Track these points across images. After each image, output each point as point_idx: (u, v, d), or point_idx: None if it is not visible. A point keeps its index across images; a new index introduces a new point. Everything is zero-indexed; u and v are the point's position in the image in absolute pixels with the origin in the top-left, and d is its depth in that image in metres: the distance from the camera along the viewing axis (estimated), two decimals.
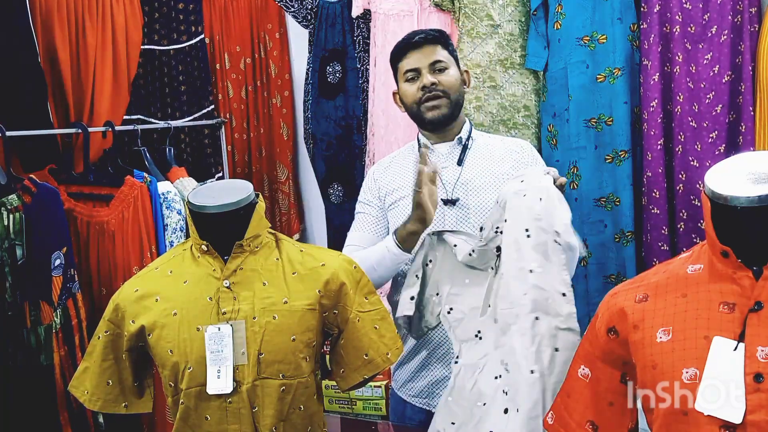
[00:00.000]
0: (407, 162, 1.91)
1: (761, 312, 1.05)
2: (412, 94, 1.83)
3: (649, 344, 1.12)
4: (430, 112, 1.81)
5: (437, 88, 1.79)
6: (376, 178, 1.93)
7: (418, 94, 1.81)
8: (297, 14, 3.15)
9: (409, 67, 1.82)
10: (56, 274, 2.04)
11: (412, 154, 1.93)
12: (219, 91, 3.14)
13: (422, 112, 1.82)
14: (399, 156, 1.97)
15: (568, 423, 1.27)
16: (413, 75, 1.83)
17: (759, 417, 1.01)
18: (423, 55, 1.81)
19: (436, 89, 1.79)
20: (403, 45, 1.85)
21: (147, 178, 2.32)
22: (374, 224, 1.89)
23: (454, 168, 1.83)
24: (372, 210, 1.90)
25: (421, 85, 1.80)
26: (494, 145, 1.90)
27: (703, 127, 2.37)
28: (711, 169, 1.13)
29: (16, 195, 2.00)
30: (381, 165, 1.98)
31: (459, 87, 1.84)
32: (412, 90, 1.82)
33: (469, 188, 1.80)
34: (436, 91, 1.80)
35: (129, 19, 2.62)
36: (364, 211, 1.91)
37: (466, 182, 1.81)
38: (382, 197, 1.90)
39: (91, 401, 1.53)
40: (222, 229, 1.50)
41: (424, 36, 1.82)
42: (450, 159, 1.86)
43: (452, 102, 1.82)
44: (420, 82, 1.81)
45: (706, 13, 2.37)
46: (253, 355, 1.44)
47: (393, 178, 1.90)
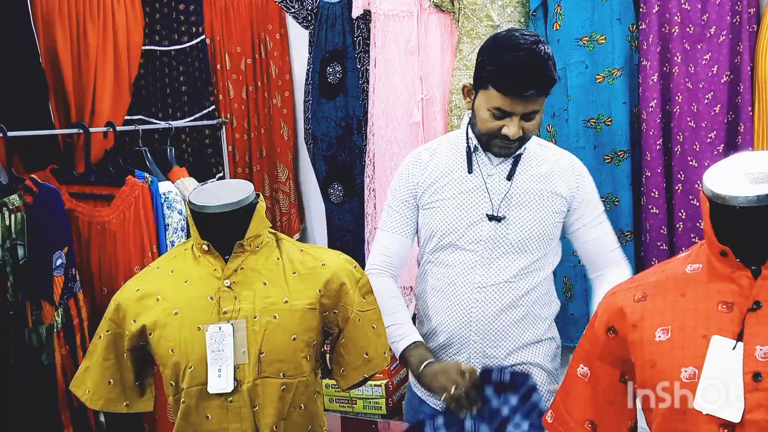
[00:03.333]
0: (450, 157, 1.79)
1: (760, 311, 1.05)
2: (491, 127, 1.66)
3: (648, 343, 1.13)
4: (497, 149, 1.70)
5: (518, 137, 1.65)
6: (412, 173, 1.80)
7: (496, 133, 1.66)
8: (297, 15, 3.15)
9: (504, 108, 1.62)
10: (57, 273, 2.05)
11: (456, 149, 1.80)
12: (220, 91, 3.15)
13: (491, 146, 1.70)
14: (441, 149, 1.82)
15: (567, 422, 1.28)
16: (502, 115, 1.63)
17: (758, 416, 1.01)
18: (525, 105, 1.61)
19: (515, 139, 1.65)
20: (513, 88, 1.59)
21: (148, 178, 2.33)
22: (405, 225, 1.80)
23: (502, 181, 1.73)
24: (404, 209, 1.80)
25: (505, 133, 1.64)
26: (545, 158, 1.80)
27: (701, 127, 2.37)
28: (710, 169, 1.13)
29: (18, 195, 2.00)
30: (419, 160, 1.82)
31: (536, 131, 1.73)
32: (493, 126, 1.65)
33: (513, 204, 1.72)
34: (515, 140, 1.66)
35: (130, 19, 2.62)
36: (396, 209, 1.80)
37: (512, 197, 1.72)
38: (417, 195, 1.79)
39: (93, 400, 1.54)
40: (223, 228, 1.51)
41: (536, 91, 1.60)
42: (499, 169, 1.75)
43: (524, 142, 1.71)
44: (506, 128, 1.63)
45: (704, 14, 2.38)
46: (253, 354, 1.44)
47: (432, 176, 1.78)
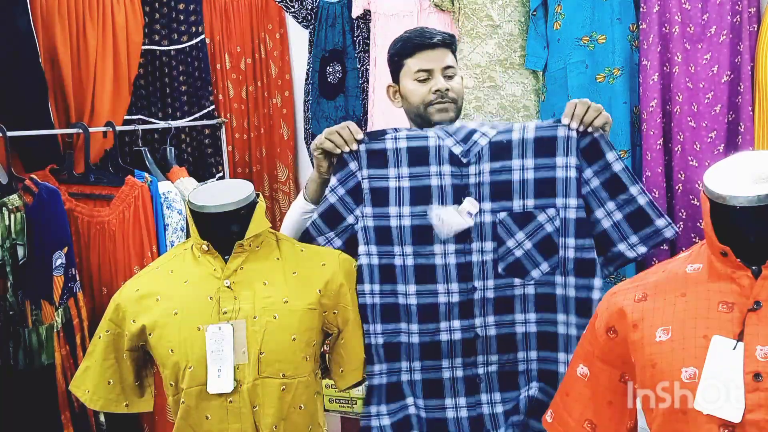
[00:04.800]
0: None
1: (760, 311, 1.05)
2: (422, 94, 1.76)
3: (649, 343, 1.13)
4: (438, 114, 1.76)
5: (449, 94, 1.75)
6: None
7: (429, 96, 1.75)
8: (297, 14, 3.15)
9: (423, 67, 1.75)
10: (57, 273, 2.04)
11: None
12: (219, 91, 3.15)
13: (429, 114, 1.77)
14: None
15: (567, 422, 1.28)
16: (425, 76, 1.75)
17: (758, 416, 1.01)
18: (437, 57, 1.76)
19: (448, 95, 1.75)
20: (416, 43, 1.77)
21: (148, 178, 2.33)
22: None
23: None
24: None
25: (434, 88, 1.74)
26: None
27: (702, 126, 2.37)
28: (710, 169, 1.13)
29: (18, 195, 2.00)
30: None
31: (463, 95, 1.82)
32: (423, 91, 1.76)
33: None
34: (448, 97, 1.75)
35: (129, 19, 2.62)
36: None
37: None
38: None
39: (92, 400, 1.54)
40: (222, 228, 1.51)
41: (441, 38, 1.77)
42: None
43: (458, 108, 1.79)
44: (433, 84, 1.74)
45: (705, 14, 2.38)
46: (253, 354, 1.44)
47: None
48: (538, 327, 1.59)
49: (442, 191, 1.59)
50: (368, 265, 1.61)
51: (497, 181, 1.57)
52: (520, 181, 1.57)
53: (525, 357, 1.61)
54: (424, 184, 1.60)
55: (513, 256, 1.58)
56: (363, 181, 1.61)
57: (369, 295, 1.61)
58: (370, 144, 1.62)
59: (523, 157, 1.57)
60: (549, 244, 1.57)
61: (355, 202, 1.62)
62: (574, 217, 1.54)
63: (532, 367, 1.61)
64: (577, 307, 1.56)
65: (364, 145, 1.62)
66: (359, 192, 1.62)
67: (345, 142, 1.62)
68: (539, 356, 1.60)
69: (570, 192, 1.54)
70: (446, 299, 1.59)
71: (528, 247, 1.57)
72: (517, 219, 1.57)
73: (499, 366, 1.61)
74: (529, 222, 1.57)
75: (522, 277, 1.58)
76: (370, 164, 1.61)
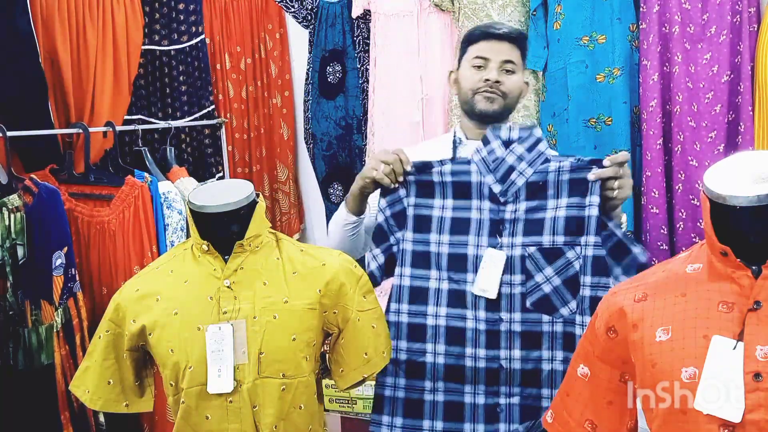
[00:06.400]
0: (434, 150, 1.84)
1: (760, 311, 1.05)
2: (473, 81, 1.78)
3: (649, 343, 1.13)
4: (483, 103, 1.77)
5: (499, 87, 1.76)
6: None
7: (478, 84, 1.77)
8: (297, 14, 3.16)
9: (481, 54, 1.77)
10: (57, 273, 2.04)
11: (441, 143, 1.88)
12: (219, 91, 3.15)
13: (476, 101, 1.78)
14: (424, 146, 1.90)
15: (567, 422, 1.27)
16: (481, 63, 1.77)
17: (758, 416, 1.01)
18: (499, 48, 1.76)
19: (497, 87, 1.76)
20: (483, 31, 1.78)
21: (148, 178, 2.33)
22: None
23: None
24: None
25: (485, 77, 1.76)
26: None
27: (702, 126, 2.37)
28: (710, 169, 1.13)
29: (18, 195, 2.00)
30: None
31: (518, 94, 1.82)
32: (475, 78, 1.77)
33: None
34: (497, 89, 1.76)
35: (129, 19, 2.62)
36: None
37: None
38: None
39: (92, 400, 1.54)
40: (222, 228, 1.51)
41: (509, 31, 1.77)
42: None
43: (507, 103, 1.79)
44: (486, 73, 1.76)
45: (705, 13, 2.38)
46: (253, 354, 1.44)
47: None
48: (564, 365, 1.59)
49: (480, 224, 1.63)
50: (399, 286, 1.66)
51: (531, 219, 1.61)
52: (552, 219, 1.59)
53: (549, 394, 1.61)
54: (464, 216, 1.64)
55: (541, 291, 1.60)
56: (408, 208, 1.67)
57: (394, 313, 1.66)
58: (418, 175, 1.67)
59: (558, 197, 1.60)
60: (575, 284, 1.58)
61: (397, 225, 1.68)
62: (592, 254, 1.57)
63: None
64: None
65: (414, 176, 1.67)
66: (403, 217, 1.68)
67: (396, 176, 1.65)
68: None
69: (590, 230, 1.57)
70: (474, 325, 1.62)
71: (557, 284, 1.59)
72: (546, 254, 1.59)
73: (522, 398, 1.62)
74: (557, 258, 1.59)
75: (550, 314, 1.59)
76: (418, 194, 1.67)
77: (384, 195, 1.69)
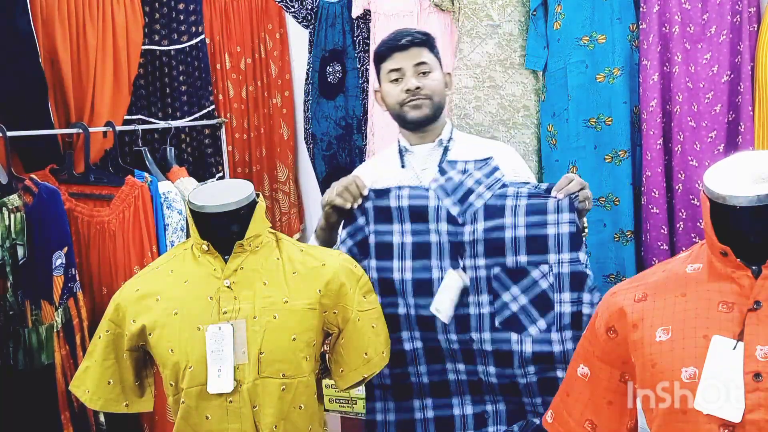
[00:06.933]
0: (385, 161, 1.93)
1: (760, 311, 1.05)
2: (395, 95, 1.83)
3: (649, 343, 1.13)
4: (412, 111, 1.82)
5: (420, 92, 1.80)
6: None
7: (401, 96, 1.82)
8: (297, 14, 3.15)
9: (394, 67, 1.82)
10: (57, 273, 2.04)
11: (390, 154, 1.94)
12: (219, 91, 3.15)
13: (404, 112, 1.83)
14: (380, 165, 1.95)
15: (567, 422, 1.28)
16: (397, 75, 1.83)
17: (758, 416, 1.01)
18: (408, 56, 1.81)
19: (419, 93, 1.80)
20: (388, 47, 1.84)
21: (148, 178, 2.33)
22: None
23: (434, 170, 1.81)
24: None
25: (405, 88, 1.81)
26: (476, 147, 1.89)
27: (702, 126, 2.37)
28: (710, 169, 1.13)
29: (18, 195, 2.00)
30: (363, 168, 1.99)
31: (442, 90, 1.86)
32: (396, 91, 1.83)
33: None
34: (420, 95, 1.81)
35: (129, 19, 2.62)
36: None
37: None
38: None
39: (92, 400, 1.54)
40: (222, 228, 1.51)
41: (411, 39, 1.82)
42: (430, 161, 1.86)
43: (435, 104, 1.83)
44: (404, 84, 1.81)
45: (705, 13, 2.38)
46: (253, 354, 1.44)
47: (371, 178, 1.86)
48: (539, 376, 1.62)
49: (440, 247, 1.65)
50: None
51: (490, 238, 1.62)
52: (513, 239, 1.60)
53: (530, 402, 1.65)
54: (424, 240, 1.66)
55: (509, 310, 1.62)
56: (370, 235, 1.69)
57: None
58: (376, 200, 1.69)
59: (515, 215, 1.61)
60: (545, 301, 1.60)
61: (361, 253, 1.69)
62: (568, 271, 1.58)
63: (539, 411, 1.64)
64: None
65: (372, 201, 1.69)
66: (365, 245, 1.69)
67: (354, 199, 1.67)
68: (543, 400, 1.63)
69: (563, 247, 1.57)
70: (447, 346, 1.66)
71: (523, 302, 1.61)
72: (511, 274, 1.61)
73: (506, 404, 1.67)
74: (523, 277, 1.60)
75: (519, 333, 1.61)
76: (376, 220, 1.69)
77: (345, 227, 1.71)
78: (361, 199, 1.68)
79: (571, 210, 1.56)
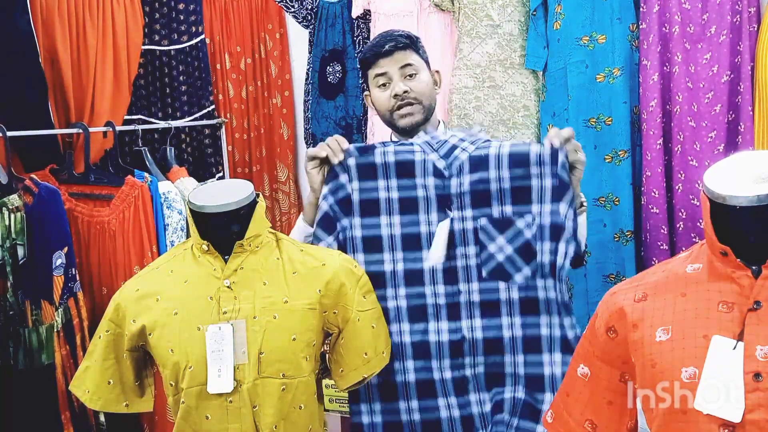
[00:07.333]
0: None
1: (760, 311, 1.05)
2: (384, 101, 1.82)
3: (649, 343, 1.12)
4: (402, 120, 1.81)
5: (409, 96, 1.79)
6: None
7: (390, 102, 1.81)
8: (297, 14, 3.16)
9: (380, 71, 1.82)
10: (57, 273, 2.04)
11: None
12: (219, 91, 3.15)
13: (395, 120, 1.83)
14: None
15: (567, 422, 1.27)
16: (384, 80, 1.82)
17: (758, 416, 1.01)
18: (393, 61, 1.80)
19: (408, 97, 1.79)
20: (372, 53, 1.83)
21: (148, 178, 2.33)
22: None
23: None
24: None
25: (393, 93, 1.80)
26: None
27: (702, 126, 2.37)
28: (710, 169, 1.13)
29: (18, 195, 2.00)
30: None
31: (431, 91, 1.85)
32: (384, 97, 1.82)
33: None
34: (408, 99, 1.80)
35: (129, 19, 2.62)
36: None
37: None
38: None
39: (92, 400, 1.54)
40: (222, 228, 1.51)
41: (394, 44, 1.80)
42: None
43: (425, 108, 1.82)
44: (392, 89, 1.80)
45: (705, 13, 2.38)
46: (253, 354, 1.44)
47: None
48: (523, 330, 1.64)
49: (428, 201, 1.66)
50: None
51: (476, 190, 1.64)
52: (498, 190, 1.63)
53: (512, 360, 1.65)
54: (411, 195, 1.67)
55: (495, 260, 1.64)
56: (353, 193, 1.68)
57: None
58: (360, 158, 1.68)
59: (499, 168, 1.62)
60: (529, 250, 1.62)
61: (343, 212, 1.68)
62: (548, 222, 1.60)
63: (519, 372, 1.65)
64: (558, 308, 1.62)
65: (354, 159, 1.68)
66: (348, 203, 1.68)
67: (333, 153, 1.68)
68: (526, 360, 1.64)
69: (545, 199, 1.60)
70: (433, 300, 1.67)
71: (509, 252, 1.63)
72: (497, 224, 1.63)
73: (486, 367, 1.66)
74: (508, 227, 1.63)
75: (506, 281, 1.64)
76: (360, 177, 1.68)
77: (326, 183, 1.69)
78: (342, 154, 1.68)
79: (554, 162, 1.59)
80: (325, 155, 1.68)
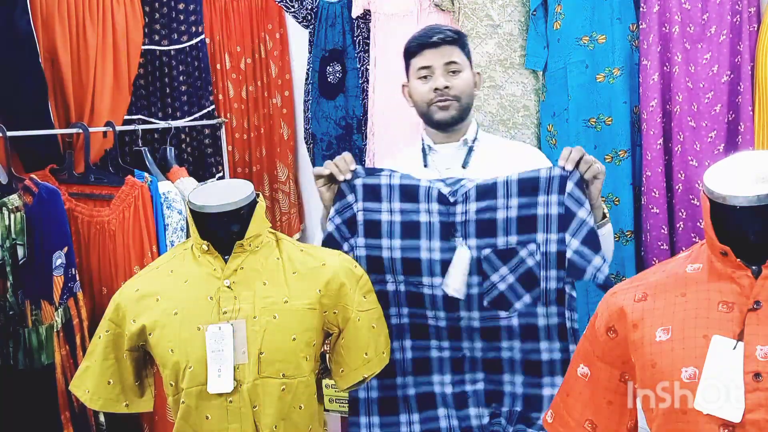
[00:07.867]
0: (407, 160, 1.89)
1: (760, 311, 1.05)
2: (423, 93, 1.80)
3: (649, 343, 1.13)
4: (439, 113, 1.79)
5: (449, 92, 1.77)
6: None
7: (429, 95, 1.79)
8: (297, 14, 3.16)
9: (423, 64, 1.79)
10: (57, 273, 2.04)
11: (412, 153, 1.91)
12: (219, 91, 3.14)
13: (432, 112, 1.80)
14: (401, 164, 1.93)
15: (567, 422, 1.28)
16: (426, 73, 1.79)
17: (758, 416, 1.01)
18: (439, 54, 1.78)
19: (447, 94, 1.77)
20: (419, 42, 1.80)
21: (148, 178, 2.33)
22: None
23: (458, 170, 1.80)
24: None
25: (433, 87, 1.77)
26: (501, 148, 1.88)
27: (702, 126, 2.37)
28: (710, 169, 1.13)
29: (18, 195, 2.00)
30: None
31: (471, 91, 1.83)
32: (424, 89, 1.79)
33: None
34: (448, 95, 1.78)
35: (129, 19, 2.62)
36: None
37: None
38: None
39: (92, 400, 1.54)
40: (222, 228, 1.51)
41: (443, 36, 1.78)
42: (454, 161, 1.83)
43: (462, 105, 1.80)
44: (433, 83, 1.78)
45: (705, 13, 2.38)
46: (253, 354, 1.44)
47: None
48: (523, 354, 1.65)
49: (430, 227, 1.66)
50: None
51: (482, 219, 1.63)
52: (505, 219, 1.62)
53: (511, 380, 1.67)
54: (413, 219, 1.67)
55: (497, 290, 1.64)
56: (358, 213, 1.69)
57: None
58: (366, 179, 1.70)
59: (508, 197, 1.62)
60: (530, 278, 1.62)
61: (350, 231, 1.70)
62: (555, 250, 1.60)
63: (517, 391, 1.66)
64: (559, 333, 1.63)
65: (361, 179, 1.70)
66: (353, 223, 1.70)
67: (340, 171, 1.68)
68: (525, 381, 1.66)
69: (551, 227, 1.60)
70: (435, 323, 1.68)
71: (511, 281, 1.63)
72: (501, 255, 1.63)
73: (486, 384, 1.68)
74: (512, 257, 1.63)
75: (506, 310, 1.64)
76: (365, 198, 1.69)
77: (334, 203, 1.71)
78: (350, 173, 1.68)
79: (561, 192, 1.59)
80: (329, 173, 1.69)
